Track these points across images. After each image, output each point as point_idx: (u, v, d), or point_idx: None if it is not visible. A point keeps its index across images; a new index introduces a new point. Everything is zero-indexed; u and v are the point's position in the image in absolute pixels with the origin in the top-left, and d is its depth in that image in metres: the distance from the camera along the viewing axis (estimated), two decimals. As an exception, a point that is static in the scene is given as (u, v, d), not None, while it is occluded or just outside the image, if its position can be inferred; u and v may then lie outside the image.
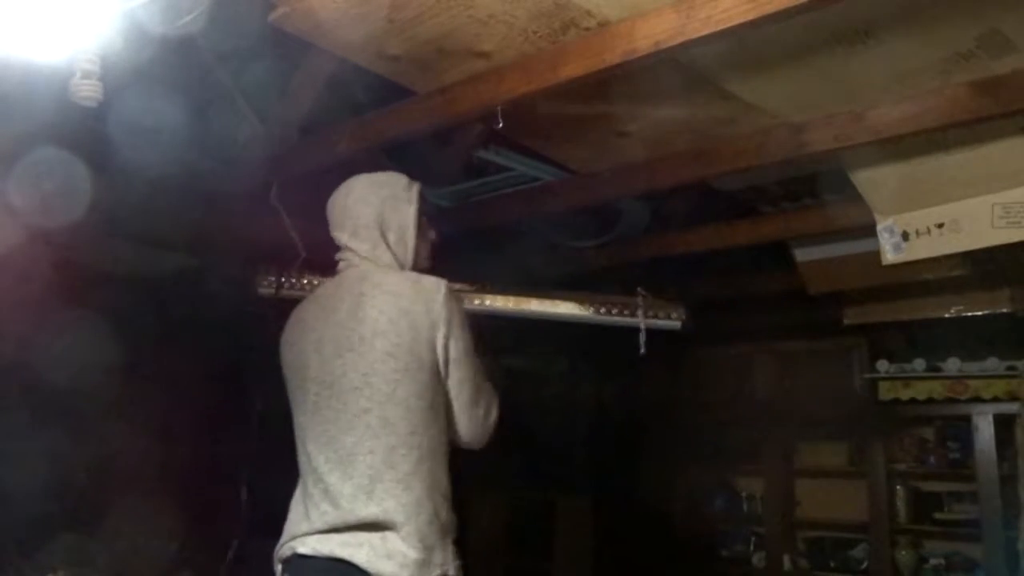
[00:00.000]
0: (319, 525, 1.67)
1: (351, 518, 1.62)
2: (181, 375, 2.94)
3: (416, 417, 1.67)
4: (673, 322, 2.23)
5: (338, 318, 1.75)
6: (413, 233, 1.85)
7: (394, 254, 1.83)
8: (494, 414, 1.83)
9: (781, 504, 4.70)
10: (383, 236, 1.83)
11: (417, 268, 1.86)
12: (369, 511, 1.62)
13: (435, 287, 1.75)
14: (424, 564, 1.59)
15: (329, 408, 1.72)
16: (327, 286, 1.88)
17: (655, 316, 2.27)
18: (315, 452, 1.73)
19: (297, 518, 1.73)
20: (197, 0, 1.55)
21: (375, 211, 1.84)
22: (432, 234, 1.93)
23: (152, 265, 2.86)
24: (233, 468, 2.88)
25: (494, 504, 4.37)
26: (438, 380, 1.73)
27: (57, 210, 2.25)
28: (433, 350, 1.71)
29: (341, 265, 1.87)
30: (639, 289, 2.18)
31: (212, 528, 2.87)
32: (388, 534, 1.60)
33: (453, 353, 1.73)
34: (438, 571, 1.61)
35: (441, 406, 1.74)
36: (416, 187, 1.90)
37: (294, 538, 1.70)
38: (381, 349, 1.68)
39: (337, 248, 1.89)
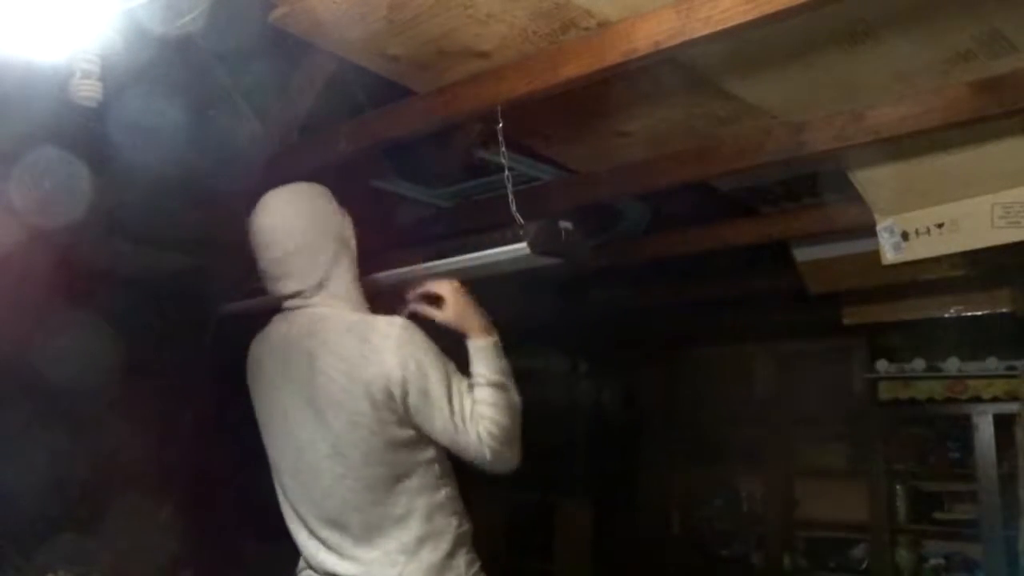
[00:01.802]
0: (326, 570, 1.66)
1: (358, 564, 1.61)
2: (181, 375, 2.94)
3: (400, 467, 1.60)
4: (517, 246, 1.76)
5: (296, 376, 1.64)
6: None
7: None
8: (498, 431, 1.59)
9: (781, 504, 4.70)
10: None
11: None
12: (373, 555, 1.60)
13: (383, 339, 1.57)
14: None
15: (306, 472, 1.64)
16: (279, 324, 1.73)
17: (492, 246, 1.80)
18: (302, 510, 1.68)
19: (303, 563, 1.71)
20: (197, 0, 1.55)
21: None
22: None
23: (152, 265, 2.86)
24: (233, 468, 2.88)
25: (494, 506, 4.36)
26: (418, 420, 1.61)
27: (57, 210, 2.25)
28: (394, 405, 1.56)
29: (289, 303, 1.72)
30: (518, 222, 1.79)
31: (212, 528, 2.87)
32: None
33: (413, 400, 1.56)
34: None
35: (428, 439, 1.62)
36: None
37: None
38: (345, 420, 1.57)
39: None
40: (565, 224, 1.83)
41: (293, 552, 1.77)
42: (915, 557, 4.21)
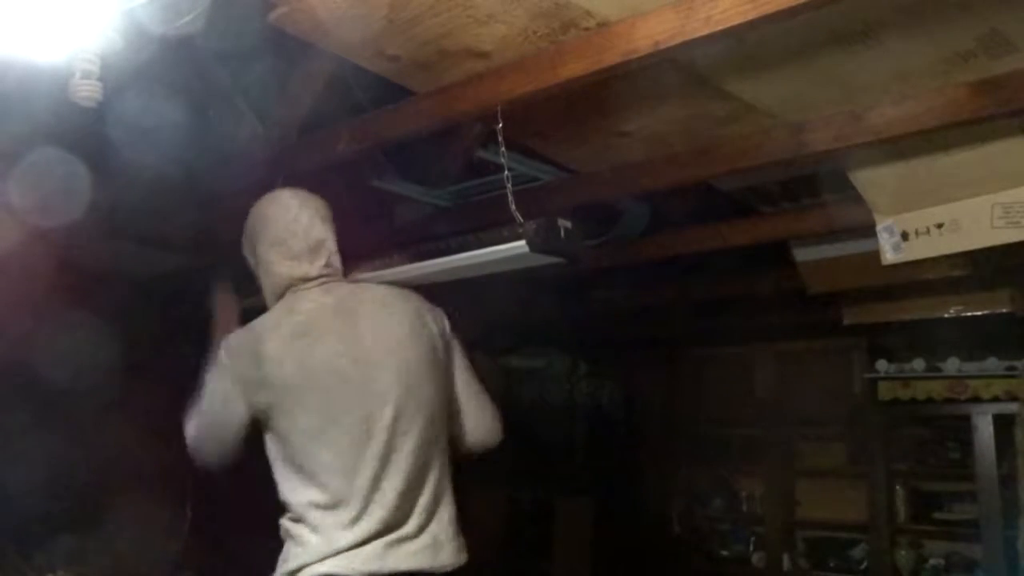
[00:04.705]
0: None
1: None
2: (181, 375, 2.94)
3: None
4: (515, 244, 1.78)
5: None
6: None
7: None
8: None
9: (781, 504, 4.71)
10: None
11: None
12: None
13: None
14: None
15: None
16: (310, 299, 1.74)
17: (491, 244, 1.83)
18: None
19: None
20: (197, 0, 1.55)
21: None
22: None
23: (152, 265, 2.86)
24: (233, 467, 2.87)
25: (493, 504, 4.36)
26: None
27: (57, 210, 2.26)
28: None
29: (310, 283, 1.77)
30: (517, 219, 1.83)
31: (212, 528, 2.87)
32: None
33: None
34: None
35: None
36: None
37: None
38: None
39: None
40: (564, 222, 1.84)
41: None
42: (915, 557, 4.21)
